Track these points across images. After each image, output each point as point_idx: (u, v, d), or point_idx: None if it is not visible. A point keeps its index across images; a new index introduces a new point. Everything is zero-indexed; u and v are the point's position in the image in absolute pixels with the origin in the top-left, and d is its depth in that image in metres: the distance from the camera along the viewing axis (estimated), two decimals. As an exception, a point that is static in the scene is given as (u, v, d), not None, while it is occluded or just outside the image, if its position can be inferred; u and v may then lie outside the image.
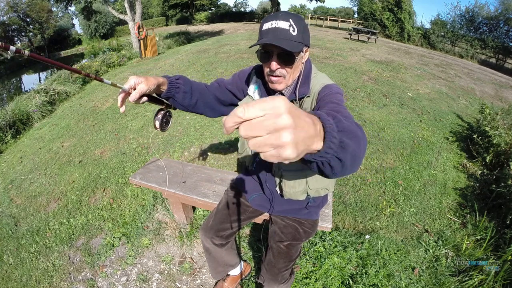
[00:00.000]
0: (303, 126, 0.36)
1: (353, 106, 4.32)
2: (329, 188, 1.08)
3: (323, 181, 1.05)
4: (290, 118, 0.33)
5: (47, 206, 2.51)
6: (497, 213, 2.18)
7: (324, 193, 1.09)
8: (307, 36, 0.89)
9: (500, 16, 14.56)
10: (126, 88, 0.79)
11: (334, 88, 0.90)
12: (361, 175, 2.71)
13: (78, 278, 1.78)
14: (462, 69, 8.95)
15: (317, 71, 1.00)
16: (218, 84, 1.11)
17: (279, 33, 0.82)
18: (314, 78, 0.97)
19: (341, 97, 0.87)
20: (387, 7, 16.16)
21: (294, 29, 0.83)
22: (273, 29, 0.83)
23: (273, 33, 0.83)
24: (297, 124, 0.34)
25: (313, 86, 0.94)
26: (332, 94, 0.87)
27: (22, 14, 23.45)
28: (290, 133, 0.33)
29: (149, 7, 35.40)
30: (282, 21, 0.83)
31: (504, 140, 2.82)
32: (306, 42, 0.88)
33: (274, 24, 0.83)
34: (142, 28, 9.60)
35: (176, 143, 3.29)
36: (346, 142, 0.47)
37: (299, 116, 0.36)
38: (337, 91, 0.88)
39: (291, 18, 0.84)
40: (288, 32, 0.82)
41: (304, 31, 0.86)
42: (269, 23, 0.84)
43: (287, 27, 0.82)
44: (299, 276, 1.68)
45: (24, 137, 4.52)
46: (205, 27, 24.25)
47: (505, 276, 1.59)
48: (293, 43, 0.82)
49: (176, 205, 1.97)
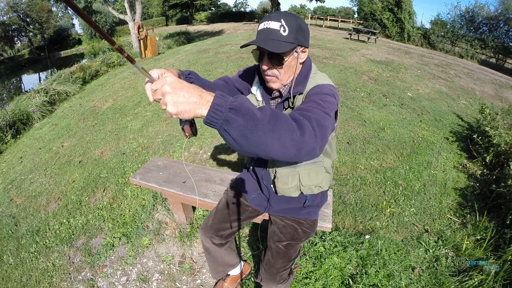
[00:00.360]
0: (183, 94, 0.57)
1: (353, 106, 4.32)
2: (322, 186, 1.07)
3: (315, 179, 1.05)
4: (169, 87, 0.57)
5: (47, 206, 2.51)
6: (497, 213, 2.17)
7: (317, 190, 1.08)
8: (302, 36, 0.87)
9: (500, 16, 14.55)
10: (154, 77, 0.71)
11: (325, 88, 0.88)
12: (361, 175, 2.71)
13: (78, 278, 1.78)
14: (462, 69, 8.95)
15: (317, 71, 1.00)
16: (226, 82, 1.11)
17: (269, 34, 0.83)
18: (312, 77, 0.96)
19: (330, 98, 0.85)
20: (387, 7, 16.15)
21: (285, 29, 0.83)
22: (265, 30, 0.84)
23: (264, 34, 0.84)
24: (176, 91, 0.57)
25: (308, 85, 0.94)
26: (319, 93, 0.86)
27: (22, 14, 23.46)
28: (168, 95, 0.57)
29: (149, 7, 35.40)
30: (273, 21, 0.83)
31: (504, 140, 2.82)
32: (301, 42, 0.87)
33: (266, 25, 0.84)
34: (142, 28, 9.61)
35: (176, 143, 3.29)
36: (232, 119, 0.58)
37: (181, 88, 0.58)
38: (327, 92, 0.86)
39: (283, 18, 0.84)
40: (278, 33, 0.83)
41: (298, 31, 0.85)
42: (263, 23, 0.85)
43: (277, 28, 0.83)
44: (299, 276, 1.68)
45: (24, 137, 4.53)
46: (205, 27, 24.26)
47: (505, 276, 1.59)
48: (280, 44, 0.82)
49: (176, 205, 1.97)
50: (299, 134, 0.64)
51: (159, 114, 4.21)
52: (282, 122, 0.63)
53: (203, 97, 0.58)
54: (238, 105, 0.59)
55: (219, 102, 0.58)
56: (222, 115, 0.57)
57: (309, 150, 0.67)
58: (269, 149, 0.62)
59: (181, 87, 0.58)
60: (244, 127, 0.58)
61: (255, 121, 0.59)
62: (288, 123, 0.64)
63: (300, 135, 0.64)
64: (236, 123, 0.58)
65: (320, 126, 0.71)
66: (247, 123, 0.59)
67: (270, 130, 0.61)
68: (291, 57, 0.89)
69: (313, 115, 0.72)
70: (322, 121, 0.73)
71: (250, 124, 0.59)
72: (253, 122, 0.59)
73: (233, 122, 0.58)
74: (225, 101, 0.58)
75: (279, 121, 0.63)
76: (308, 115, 0.72)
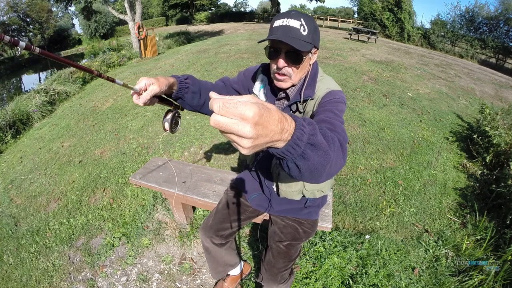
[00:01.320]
0: (266, 135, 0.42)
1: (353, 106, 4.32)
2: (324, 190, 1.09)
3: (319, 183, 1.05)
4: (253, 131, 0.39)
5: (47, 206, 2.51)
6: (497, 213, 2.17)
7: (319, 195, 1.09)
8: (317, 37, 0.88)
9: (500, 16, 14.55)
10: (137, 88, 0.78)
11: (338, 95, 0.89)
12: (361, 175, 2.71)
13: (78, 278, 1.78)
14: (462, 69, 8.95)
15: (324, 74, 1.00)
16: (224, 83, 1.10)
17: (290, 31, 0.82)
18: (320, 81, 0.95)
19: (343, 106, 0.87)
20: (387, 7, 16.15)
21: (305, 28, 0.83)
22: (284, 26, 0.83)
23: (283, 30, 0.83)
24: (259, 134, 0.40)
25: (318, 89, 0.93)
26: (333, 102, 0.87)
27: (22, 14, 23.47)
28: (248, 142, 0.40)
29: (149, 7, 35.40)
30: (293, 19, 0.82)
31: (504, 140, 2.82)
32: (316, 43, 0.88)
33: (285, 22, 0.83)
34: (142, 28, 9.60)
35: (176, 143, 3.29)
36: (309, 155, 0.51)
37: (265, 126, 0.41)
38: (339, 100, 0.88)
39: (303, 17, 0.83)
40: (298, 31, 0.82)
41: (314, 32, 0.86)
42: (281, 20, 0.84)
43: (297, 26, 0.82)
44: (299, 276, 1.68)
45: (24, 137, 4.52)
46: (205, 27, 24.25)
47: (505, 276, 1.59)
48: (302, 43, 0.82)
49: (176, 205, 1.97)
50: (345, 157, 0.64)
51: (159, 114, 4.21)
52: (337, 153, 0.60)
53: (284, 127, 0.45)
54: (315, 140, 0.51)
55: (299, 136, 0.48)
56: (299, 150, 0.49)
57: (336, 173, 0.64)
58: (320, 180, 0.60)
59: (265, 124, 0.41)
60: (314, 163, 0.53)
61: (328, 158, 0.55)
62: (339, 153, 0.61)
63: (343, 156, 0.64)
64: (311, 160, 0.52)
65: (344, 145, 0.68)
66: (321, 160, 0.54)
67: (334, 165, 0.58)
68: (307, 58, 0.88)
69: (337, 134, 0.69)
70: (345, 137, 0.71)
71: (323, 162, 0.54)
72: (325, 160, 0.54)
73: (308, 158, 0.51)
74: (304, 133, 0.49)
75: (337, 152, 0.60)
76: (334, 133, 0.69)
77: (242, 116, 0.38)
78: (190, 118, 3.93)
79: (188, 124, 3.76)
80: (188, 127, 3.67)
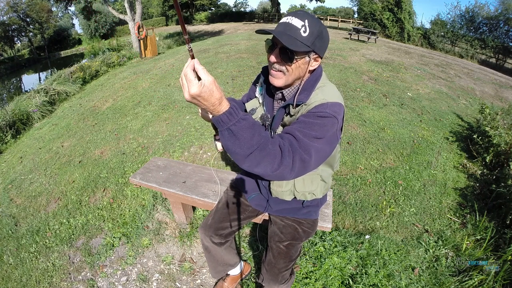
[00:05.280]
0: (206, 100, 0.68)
1: (353, 106, 4.32)
2: (316, 194, 1.07)
3: (310, 186, 1.05)
4: (189, 97, 0.67)
5: (47, 206, 2.51)
6: (497, 213, 2.17)
7: (311, 197, 1.08)
8: (321, 44, 0.86)
9: (500, 16, 14.52)
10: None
11: (326, 111, 0.83)
12: (361, 175, 2.71)
13: (78, 278, 1.78)
14: (462, 69, 8.95)
15: (327, 82, 0.94)
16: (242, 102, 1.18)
17: (289, 29, 0.82)
18: (319, 88, 0.91)
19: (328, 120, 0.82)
20: (387, 7, 16.14)
21: (306, 30, 0.81)
22: (285, 24, 0.83)
23: (283, 27, 0.83)
24: (197, 100, 0.68)
25: (314, 97, 0.89)
26: (314, 116, 0.83)
27: (22, 14, 23.47)
28: (188, 97, 0.68)
29: (149, 7, 35.40)
30: (297, 19, 0.82)
31: (504, 140, 2.82)
32: (318, 49, 0.86)
33: (289, 20, 0.83)
34: (142, 28, 9.60)
35: (176, 143, 3.29)
36: (225, 136, 0.72)
37: (205, 99, 0.67)
38: (326, 115, 0.82)
39: (308, 19, 0.82)
40: (297, 31, 0.81)
41: (317, 37, 0.84)
42: (286, 17, 0.85)
43: (298, 26, 0.82)
44: (299, 276, 1.68)
45: (24, 137, 4.53)
46: (205, 27, 24.27)
47: (505, 276, 1.59)
48: (297, 42, 0.81)
49: (176, 205, 1.97)
50: (276, 166, 0.76)
51: (159, 114, 4.21)
52: (268, 158, 0.75)
53: (215, 108, 0.69)
54: (235, 129, 0.70)
55: (223, 118, 0.70)
56: (224, 126, 0.71)
57: (279, 178, 0.80)
58: (242, 165, 0.77)
59: (206, 97, 0.67)
60: (232, 148, 0.73)
61: (244, 151, 0.73)
62: (271, 157, 0.75)
63: (277, 166, 0.76)
64: (228, 142, 0.73)
65: (301, 162, 0.79)
66: (236, 149, 0.73)
67: (256, 164, 0.76)
68: (302, 60, 0.86)
69: (300, 149, 0.79)
70: (306, 156, 0.79)
71: (237, 151, 0.73)
72: (241, 150, 0.73)
73: (226, 139, 0.73)
74: (229, 120, 0.70)
75: (267, 157, 0.75)
76: (295, 147, 0.79)
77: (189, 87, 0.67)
78: (190, 118, 3.93)
79: (188, 124, 3.76)
80: (188, 127, 3.67)
